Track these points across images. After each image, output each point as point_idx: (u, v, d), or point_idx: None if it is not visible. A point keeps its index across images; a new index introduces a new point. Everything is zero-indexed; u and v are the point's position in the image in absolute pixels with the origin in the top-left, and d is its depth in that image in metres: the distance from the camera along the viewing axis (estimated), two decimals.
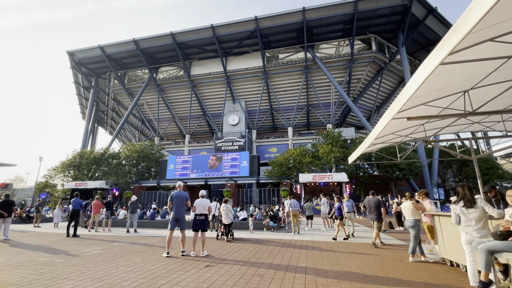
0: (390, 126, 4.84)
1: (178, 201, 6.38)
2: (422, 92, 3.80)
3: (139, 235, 10.09)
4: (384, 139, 5.95)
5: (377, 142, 5.89)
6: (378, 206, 7.60)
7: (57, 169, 35.56)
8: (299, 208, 10.61)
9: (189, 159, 33.47)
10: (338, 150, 26.50)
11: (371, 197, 7.93)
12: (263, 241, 8.37)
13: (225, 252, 6.51)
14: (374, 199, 7.77)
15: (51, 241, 8.29)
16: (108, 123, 51.50)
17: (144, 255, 6.20)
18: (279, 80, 36.16)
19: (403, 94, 3.63)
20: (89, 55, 38.85)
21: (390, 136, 5.91)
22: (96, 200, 11.77)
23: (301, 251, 6.66)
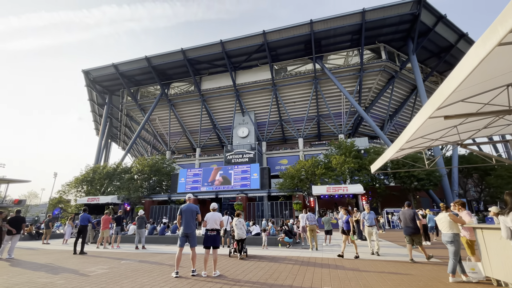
0: (422, 128, 4.27)
1: (188, 215, 5.90)
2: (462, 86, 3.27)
3: (148, 252, 9.59)
4: (413, 144, 5.36)
5: (405, 147, 5.30)
6: (414, 218, 6.92)
7: (71, 184, 35.91)
8: (316, 222, 9.88)
9: (200, 172, 33.17)
10: (352, 161, 25.59)
11: (407, 209, 7.22)
12: (279, 258, 7.69)
13: (239, 272, 5.90)
14: (410, 211, 7.07)
15: (57, 259, 7.89)
16: (121, 139, 52.40)
17: (151, 275, 5.67)
18: (288, 92, 36.00)
19: (443, 89, 3.12)
20: (103, 73, 40.13)
21: (419, 141, 5.31)
22: (105, 215, 11.43)
23: (323, 271, 5.97)
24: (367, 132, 38.03)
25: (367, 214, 8.47)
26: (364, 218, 8.45)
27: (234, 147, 37.06)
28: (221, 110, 40.12)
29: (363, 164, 26.29)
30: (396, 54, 34.45)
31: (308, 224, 9.68)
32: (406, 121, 38.77)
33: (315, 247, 9.45)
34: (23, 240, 15.39)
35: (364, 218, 8.47)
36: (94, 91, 43.67)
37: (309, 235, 9.65)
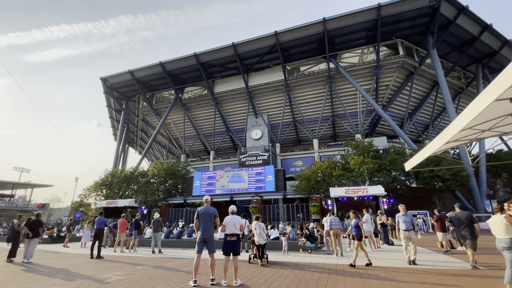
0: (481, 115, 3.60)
1: (206, 218, 5.45)
2: None
3: (165, 257, 9.25)
4: (460, 136, 4.66)
5: (452, 140, 4.61)
6: (471, 221, 6.19)
7: (91, 188, 36.74)
8: (341, 226, 9.19)
9: (214, 175, 32.98)
10: (371, 161, 24.46)
11: (460, 211, 6.50)
12: (303, 266, 7.09)
13: (261, 281, 5.37)
14: (465, 214, 6.35)
15: (73, 264, 7.68)
16: (137, 143, 53.40)
17: (168, 284, 5.26)
18: (301, 92, 35.27)
19: None
20: (120, 80, 41.07)
21: (467, 132, 4.61)
22: (122, 219, 11.26)
23: (355, 281, 5.33)
24: (385, 131, 36.55)
25: (402, 216, 7.53)
26: (399, 221, 7.49)
27: (247, 149, 36.67)
28: (234, 112, 39.93)
29: (383, 165, 25.10)
30: (414, 49, 32.97)
31: (333, 228, 9.01)
32: (426, 119, 36.98)
33: (340, 252, 8.76)
34: (44, 243, 15.59)
35: (398, 221, 7.52)
36: (112, 97, 44.79)
37: (333, 240, 8.97)
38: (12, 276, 5.94)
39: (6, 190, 45.53)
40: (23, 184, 44.71)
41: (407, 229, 7.27)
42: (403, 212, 7.57)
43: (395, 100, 34.05)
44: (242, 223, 5.55)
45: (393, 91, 33.63)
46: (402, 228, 7.36)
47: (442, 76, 30.25)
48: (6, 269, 6.89)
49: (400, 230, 7.44)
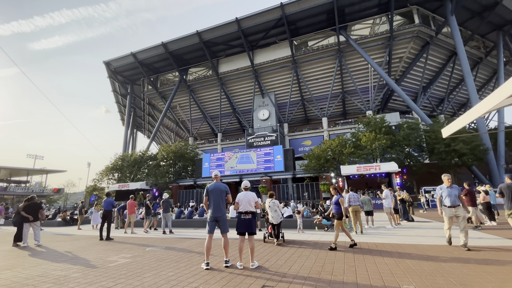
0: None
1: (216, 195, 4.82)
2: None
3: (176, 237, 8.87)
4: None
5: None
6: None
7: (103, 172, 37.16)
8: (360, 202, 8.52)
9: (223, 156, 32.60)
10: (384, 137, 23.38)
11: (510, 182, 5.64)
12: (323, 244, 6.51)
13: (281, 263, 4.80)
14: None
15: (80, 247, 7.34)
16: (145, 128, 53.22)
17: (178, 267, 4.75)
18: (309, 69, 33.62)
19: None
20: (123, 63, 40.04)
21: None
22: (130, 200, 10.90)
23: (386, 260, 4.70)
24: (397, 107, 34.94)
25: (447, 188, 5.79)
26: (442, 194, 5.88)
27: (255, 130, 35.90)
28: (240, 93, 38.74)
29: (396, 141, 24.02)
30: (431, 17, 30.50)
31: (351, 204, 8.36)
32: (441, 92, 35.01)
33: (360, 230, 8.15)
34: (58, 226, 15.65)
35: (442, 195, 5.89)
36: (116, 81, 44.05)
37: (352, 217, 8.34)
38: (14, 261, 5.56)
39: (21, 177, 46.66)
40: (38, 170, 45.63)
41: (453, 205, 5.63)
42: (447, 183, 5.83)
43: (408, 73, 32.16)
44: (257, 199, 4.91)
45: (407, 64, 31.66)
46: (447, 204, 5.70)
47: (461, 45, 28.07)
48: (11, 253, 6.57)
49: (443, 206, 5.84)
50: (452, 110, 36.56)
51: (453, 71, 33.01)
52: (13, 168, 42.13)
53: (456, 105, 36.92)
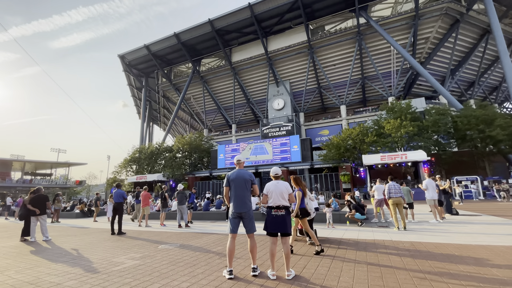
0: None
1: (240, 186, 3.79)
2: None
3: (192, 231, 8.02)
4: None
5: None
6: None
7: (122, 165, 37.44)
8: (402, 194, 7.23)
9: (238, 147, 31.72)
10: (411, 124, 21.48)
11: None
12: (366, 244, 5.37)
13: (323, 271, 3.72)
14: None
15: (89, 243, 6.61)
16: (161, 120, 53.29)
17: (194, 273, 3.79)
18: (327, 54, 31.66)
19: None
20: (137, 55, 39.68)
21: None
22: (144, 191, 10.18)
23: (462, 268, 3.50)
24: (422, 92, 32.42)
25: None
26: None
27: (269, 121, 34.64)
28: (254, 82, 37.41)
29: (424, 127, 22.04)
30: None
31: (392, 196, 7.10)
32: (471, 75, 32.02)
33: (403, 225, 6.90)
34: (76, 217, 15.42)
35: None
36: (131, 75, 43.94)
37: (392, 210, 7.10)
38: (11, 261, 4.83)
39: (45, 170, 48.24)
40: (61, 163, 46.96)
41: None
42: None
43: (435, 55, 29.53)
44: (291, 191, 3.82)
45: (433, 45, 29.00)
46: None
47: (496, 21, 25.08)
48: (13, 250, 5.91)
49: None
50: (483, 95, 33.50)
51: (485, 51, 30.00)
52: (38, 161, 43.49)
53: (488, 89, 33.80)
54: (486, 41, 29.00)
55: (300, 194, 4.88)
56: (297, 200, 4.80)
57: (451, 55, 29.27)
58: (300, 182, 5.11)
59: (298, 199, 4.82)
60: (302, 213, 4.90)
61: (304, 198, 4.99)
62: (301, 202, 4.89)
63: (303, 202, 4.97)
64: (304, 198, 4.95)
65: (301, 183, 5.08)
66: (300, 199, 4.83)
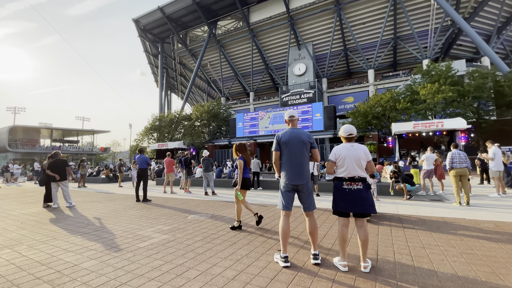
0: None
1: (296, 150, 2.80)
2: None
3: (220, 200, 7.41)
4: None
5: None
6: None
7: (143, 133, 37.82)
8: (469, 164, 6.00)
9: (257, 116, 30.52)
10: (450, 89, 19.03)
11: None
12: (437, 224, 4.37)
13: (406, 260, 2.80)
14: None
15: (113, 211, 6.13)
16: (178, 89, 52.38)
17: (237, 255, 3.03)
18: (356, 10, 28.04)
19: None
20: (151, 19, 37.57)
21: None
22: (167, 158, 9.60)
23: None
24: (461, 54, 28.61)
25: None
26: None
27: (289, 88, 32.61)
28: (274, 45, 34.63)
29: (466, 92, 19.52)
30: None
31: (455, 167, 5.91)
32: None
33: (466, 200, 5.80)
34: (102, 182, 15.57)
35: None
36: (147, 40, 42.23)
37: (455, 183, 5.95)
38: (27, 232, 4.33)
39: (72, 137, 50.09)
40: (86, 130, 48.40)
41: None
42: None
43: (481, 10, 25.29)
44: (370, 157, 2.77)
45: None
46: None
47: None
48: (33, 218, 5.49)
49: None
50: None
51: None
52: (64, 129, 44.93)
53: None
54: None
55: (241, 163, 4.27)
56: (239, 169, 4.24)
57: (500, 10, 24.94)
58: (244, 150, 4.46)
59: (240, 169, 4.23)
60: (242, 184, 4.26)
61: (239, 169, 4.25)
62: (244, 171, 4.31)
63: (247, 172, 4.41)
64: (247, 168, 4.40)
65: (245, 151, 4.44)
66: (242, 168, 4.25)
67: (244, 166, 4.32)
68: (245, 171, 4.35)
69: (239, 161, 4.30)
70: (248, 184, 4.38)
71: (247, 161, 4.39)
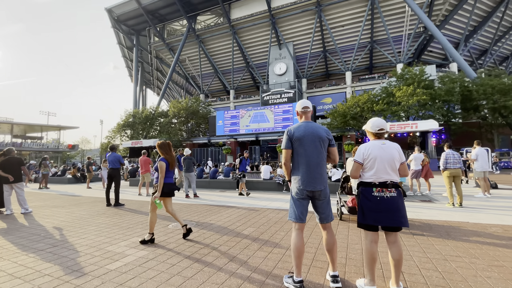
0: None
1: (312, 148, 2.27)
2: None
3: (204, 203, 6.70)
4: None
5: None
6: None
7: (115, 130, 35.31)
8: (462, 164, 5.94)
9: (237, 114, 29.83)
10: (424, 92, 19.90)
11: None
12: (444, 228, 4.10)
13: (431, 273, 2.39)
14: None
15: (78, 218, 5.18)
16: (154, 84, 49.88)
17: (238, 275, 2.42)
18: (336, 13, 28.47)
19: None
20: (126, 9, 35.17)
21: None
22: (143, 156, 8.64)
23: None
24: (431, 59, 30.29)
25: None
26: None
27: (270, 87, 32.35)
28: (255, 43, 34.13)
29: (438, 96, 20.53)
30: None
31: (448, 167, 5.80)
32: (485, 43, 29.81)
33: (459, 201, 5.70)
34: (68, 183, 13.98)
35: None
36: (121, 32, 39.50)
37: (448, 184, 5.84)
38: None
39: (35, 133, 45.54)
40: (51, 126, 44.21)
41: None
42: None
43: (451, 18, 26.93)
44: (404, 158, 2.32)
45: (451, 6, 26.26)
46: None
47: None
48: None
49: None
50: (493, 64, 31.66)
51: (503, 16, 27.53)
52: (27, 124, 40.65)
53: (498, 59, 31.89)
54: (507, 4, 26.40)
55: (162, 166, 3.55)
56: (160, 173, 3.54)
57: (468, 19, 26.76)
58: (168, 149, 3.74)
59: (161, 172, 3.53)
60: (165, 190, 3.57)
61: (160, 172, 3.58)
62: (167, 175, 3.62)
63: (170, 176, 3.71)
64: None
65: (169, 151, 3.73)
66: (164, 172, 3.54)
67: (168, 169, 3.63)
68: (168, 175, 3.66)
69: (160, 163, 3.57)
70: (172, 190, 3.68)
71: (171, 163, 3.68)
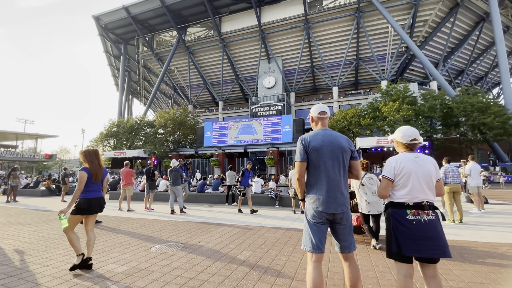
0: None
1: (334, 160, 1.89)
2: None
3: (191, 220, 6.11)
4: None
5: None
6: None
7: (97, 139, 33.76)
8: (462, 180, 5.79)
9: (226, 125, 29.41)
10: (409, 108, 20.52)
11: None
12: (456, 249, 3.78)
13: None
14: None
15: (45, 239, 4.46)
16: (141, 94, 48.82)
17: None
18: (323, 30, 29.43)
19: None
20: (114, 18, 34.67)
21: None
22: (125, 168, 7.95)
23: None
24: (413, 78, 31.71)
25: None
26: None
27: (259, 99, 32.43)
28: (244, 57, 34.44)
29: (421, 112, 21.23)
30: None
31: (449, 182, 5.62)
32: (462, 64, 31.69)
33: (459, 218, 5.49)
34: (42, 196, 12.78)
35: None
36: (108, 40, 38.73)
37: (448, 200, 5.64)
38: None
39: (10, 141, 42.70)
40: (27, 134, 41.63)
41: None
42: None
43: (431, 39, 28.56)
44: (440, 175, 1.98)
45: (431, 29, 27.89)
46: None
47: (496, 6, 24.30)
48: None
49: None
50: (469, 84, 33.60)
51: (478, 40, 29.52)
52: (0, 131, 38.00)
53: (474, 79, 33.95)
54: (481, 29, 28.40)
55: (82, 176, 2.97)
56: (78, 184, 2.97)
57: (447, 41, 28.45)
58: (94, 158, 3.13)
59: (79, 183, 2.96)
60: (83, 206, 2.98)
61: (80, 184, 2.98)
62: (86, 188, 3.01)
63: (93, 189, 3.08)
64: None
65: (94, 161, 3.12)
66: (83, 183, 2.97)
67: (90, 182, 3.03)
68: (92, 188, 3.07)
69: (80, 172, 2.97)
70: (90, 207, 3.01)
71: (94, 174, 3.06)
